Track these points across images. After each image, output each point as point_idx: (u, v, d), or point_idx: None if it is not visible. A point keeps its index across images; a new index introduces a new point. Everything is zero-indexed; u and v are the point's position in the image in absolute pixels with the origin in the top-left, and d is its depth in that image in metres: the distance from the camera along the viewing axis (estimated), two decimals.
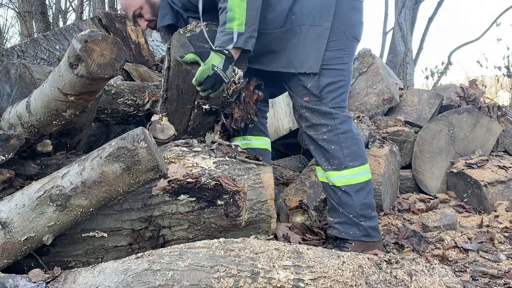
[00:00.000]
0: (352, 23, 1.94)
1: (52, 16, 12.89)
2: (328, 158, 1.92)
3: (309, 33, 1.89)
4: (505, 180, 2.70)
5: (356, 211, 1.88)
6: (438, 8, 9.62)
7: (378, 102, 3.47)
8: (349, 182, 1.89)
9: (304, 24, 1.89)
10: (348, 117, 1.94)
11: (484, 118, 3.07)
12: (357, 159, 1.90)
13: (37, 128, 1.61)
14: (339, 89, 1.92)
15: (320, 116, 1.91)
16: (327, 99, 1.90)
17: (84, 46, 1.33)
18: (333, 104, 1.90)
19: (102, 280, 1.17)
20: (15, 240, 1.35)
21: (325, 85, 1.90)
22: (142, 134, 1.35)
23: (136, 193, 1.56)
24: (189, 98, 1.90)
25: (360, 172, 1.90)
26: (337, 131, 1.89)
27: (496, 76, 7.66)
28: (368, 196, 1.91)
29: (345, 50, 1.92)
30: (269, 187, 1.67)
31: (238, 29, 1.75)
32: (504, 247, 1.99)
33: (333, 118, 1.89)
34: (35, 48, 2.61)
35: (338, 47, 1.91)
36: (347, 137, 1.89)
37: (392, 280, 1.20)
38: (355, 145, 1.91)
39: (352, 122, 1.96)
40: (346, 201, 1.89)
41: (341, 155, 1.89)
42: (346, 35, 1.91)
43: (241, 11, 1.74)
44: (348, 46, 1.94)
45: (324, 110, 1.90)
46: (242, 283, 1.14)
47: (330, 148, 1.90)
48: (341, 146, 1.89)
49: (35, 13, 9.07)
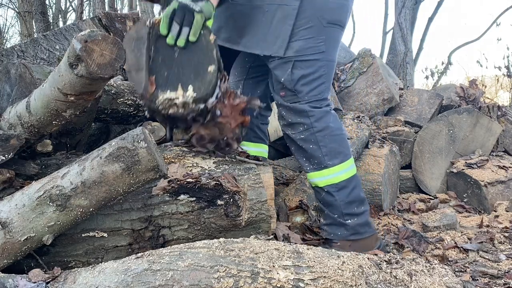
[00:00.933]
0: (328, 6, 1.77)
1: (52, 16, 12.89)
2: (308, 158, 1.84)
3: (277, 13, 1.74)
4: (505, 180, 2.70)
5: (340, 211, 1.81)
6: (438, 8, 9.62)
7: (378, 102, 3.47)
8: (330, 182, 1.81)
9: (272, 3, 1.74)
10: (325, 112, 1.82)
11: (484, 118, 3.07)
12: (337, 157, 1.80)
13: (37, 128, 1.61)
14: (314, 81, 1.79)
15: (295, 115, 1.81)
16: (302, 93, 1.78)
17: (84, 46, 1.33)
18: (310, 98, 1.79)
19: (102, 280, 1.17)
20: (15, 240, 1.35)
21: (299, 78, 1.77)
22: (142, 134, 1.35)
23: (136, 193, 1.56)
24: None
25: (341, 170, 1.81)
26: (313, 129, 1.79)
27: (496, 76, 7.67)
28: (352, 192, 1.82)
29: (319, 38, 1.76)
30: (269, 187, 1.67)
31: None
32: (504, 247, 1.99)
33: (308, 116, 1.79)
34: (35, 48, 2.61)
35: (311, 35, 1.75)
36: (324, 134, 1.79)
37: (392, 280, 1.20)
38: (333, 142, 1.81)
39: (332, 116, 1.84)
40: (330, 201, 1.82)
41: (319, 154, 1.80)
42: (320, 21, 1.75)
43: None
44: (323, 33, 1.77)
45: (299, 108, 1.79)
46: (242, 283, 1.14)
47: (308, 147, 1.81)
48: (319, 145, 1.79)
49: (35, 13, 9.07)
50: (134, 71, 1.42)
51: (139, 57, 1.41)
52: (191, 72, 1.47)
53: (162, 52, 1.45)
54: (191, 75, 1.47)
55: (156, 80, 1.44)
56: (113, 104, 2.19)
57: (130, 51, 1.40)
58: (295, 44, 1.75)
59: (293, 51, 1.75)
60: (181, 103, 1.45)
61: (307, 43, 1.75)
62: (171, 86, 1.45)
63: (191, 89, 1.45)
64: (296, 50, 1.75)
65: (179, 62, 1.47)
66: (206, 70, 1.48)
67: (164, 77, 1.45)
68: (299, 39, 1.75)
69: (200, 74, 1.47)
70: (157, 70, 1.44)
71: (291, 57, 1.76)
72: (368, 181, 2.43)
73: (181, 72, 1.47)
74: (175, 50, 1.46)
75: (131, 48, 1.40)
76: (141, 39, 1.42)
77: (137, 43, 1.41)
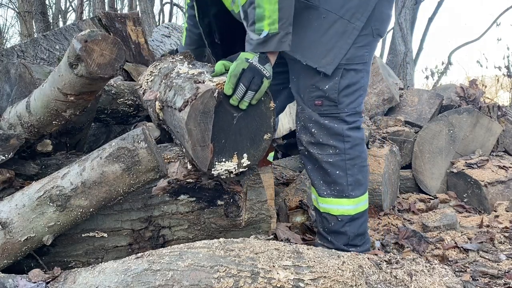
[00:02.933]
0: (382, 17, 1.65)
1: (52, 16, 12.90)
2: (328, 183, 1.69)
3: (336, 25, 1.59)
4: (505, 180, 2.70)
5: (347, 241, 1.71)
6: (438, 8, 9.62)
7: (378, 102, 3.47)
8: (347, 213, 1.69)
9: (333, 12, 1.59)
10: (361, 140, 1.70)
11: (484, 118, 3.07)
12: (359, 189, 1.69)
13: (37, 128, 1.61)
14: (356, 92, 1.67)
15: (329, 136, 1.65)
16: (343, 104, 1.64)
17: (84, 46, 1.33)
18: (349, 110, 1.66)
19: (102, 280, 1.17)
20: (15, 240, 1.35)
21: (344, 88, 1.64)
22: (142, 135, 1.35)
23: (136, 193, 1.56)
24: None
25: (360, 202, 1.71)
26: (346, 156, 1.66)
27: (496, 76, 7.67)
28: (362, 225, 1.73)
29: (366, 48, 1.65)
30: (269, 187, 1.67)
31: (270, 29, 1.45)
32: (504, 247, 1.99)
33: (344, 141, 1.65)
34: (35, 48, 2.61)
35: (363, 44, 1.64)
36: (354, 163, 1.67)
37: (392, 280, 1.20)
38: (360, 173, 1.69)
39: (364, 144, 1.73)
40: (339, 231, 1.71)
41: (344, 183, 1.67)
42: (373, 31, 1.64)
43: (271, 6, 1.43)
44: (370, 43, 1.67)
45: (336, 130, 1.65)
46: (242, 283, 1.14)
47: (333, 172, 1.67)
48: (346, 173, 1.66)
49: (35, 13, 9.07)
50: (200, 147, 1.35)
51: (205, 133, 1.34)
52: (247, 139, 1.45)
53: (221, 118, 1.38)
54: (247, 143, 1.45)
55: (213, 147, 1.39)
56: (113, 104, 2.19)
57: (196, 125, 1.32)
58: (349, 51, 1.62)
59: (346, 58, 1.62)
60: (235, 172, 1.47)
61: (358, 51, 1.63)
62: (227, 154, 1.44)
63: (246, 157, 1.47)
64: (348, 57, 1.62)
65: (237, 129, 1.42)
66: (262, 138, 1.46)
67: (221, 144, 1.41)
68: (354, 45, 1.62)
69: (256, 142, 1.46)
70: (215, 137, 1.38)
71: (341, 65, 1.62)
72: (368, 181, 2.43)
73: (238, 139, 1.44)
74: (235, 116, 1.40)
75: (197, 121, 1.32)
76: (208, 113, 1.33)
77: (203, 117, 1.32)
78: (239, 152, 1.45)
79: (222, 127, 1.41)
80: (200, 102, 1.32)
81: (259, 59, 1.44)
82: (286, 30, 1.48)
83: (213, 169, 1.43)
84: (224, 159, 1.44)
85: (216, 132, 1.39)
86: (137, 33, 3.06)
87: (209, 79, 1.42)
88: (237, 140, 1.44)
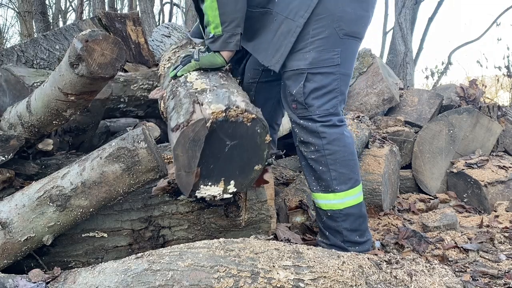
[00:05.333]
0: (346, 17, 1.66)
1: (52, 16, 12.90)
2: (316, 178, 1.76)
3: (283, 25, 1.68)
4: (505, 180, 2.70)
5: (342, 237, 1.73)
6: (438, 8, 9.61)
7: (378, 102, 3.47)
8: (335, 207, 1.73)
9: (281, 14, 1.68)
10: (339, 134, 1.73)
11: (484, 118, 3.07)
12: (346, 183, 1.72)
13: (37, 128, 1.61)
14: (327, 95, 1.70)
15: (307, 134, 1.73)
16: (313, 106, 1.70)
17: (85, 46, 1.34)
18: (321, 112, 1.70)
19: (102, 280, 1.17)
20: (15, 240, 1.35)
21: (311, 91, 1.69)
22: (142, 135, 1.35)
23: (136, 193, 1.56)
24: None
25: (349, 196, 1.73)
26: (324, 151, 1.71)
27: (496, 76, 7.66)
28: (356, 221, 1.74)
29: (335, 50, 1.67)
30: (269, 187, 1.67)
31: (215, 32, 1.63)
32: (504, 247, 1.99)
33: (320, 137, 1.71)
34: (35, 48, 2.61)
35: (326, 47, 1.66)
36: (335, 158, 1.71)
37: (392, 280, 1.20)
38: (344, 167, 1.72)
39: (346, 138, 1.75)
40: (332, 226, 1.75)
41: (328, 178, 1.72)
42: (337, 32, 1.66)
43: (213, 12, 1.61)
44: (339, 45, 1.68)
45: (310, 128, 1.72)
46: (242, 283, 1.14)
47: (318, 168, 1.74)
48: (329, 168, 1.71)
49: (35, 13, 9.07)
50: (184, 172, 1.35)
51: (191, 160, 1.34)
52: (237, 167, 1.42)
53: (212, 144, 1.37)
54: (236, 171, 1.43)
55: (200, 171, 1.38)
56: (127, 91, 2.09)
57: (184, 151, 1.32)
58: (308, 55, 1.67)
59: (307, 62, 1.67)
60: (220, 197, 1.45)
61: (321, 54, 1.67)
62: (213, 178, 1.42)
63: (233, 184, 1.44)
64: (310, 62, 1.67)
65: (228, 156, 1.40)
66: (252, 168, 1.45)
67: (209, 169, 1.40)
68: (313, 49, 1.66)
69: (245, 171, 1.44)
70: (203, 161, 1.37)
71: (304, 69, 1.68)
72: (368, 181, 2.42)
73: (227, 166, 1.41)
74: (227, 144, 1.38)
75: (186, 148, 1.32)
76: (198, 141, 1.32)
77: (192, 145, 1.32)
78: (227, 179, 1.42)
79: (212, 153, 1.38)
80: (191, 130, 1.31)
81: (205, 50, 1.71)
82: (231, 32, 1.64)
83: (197, 191, 1.41)
84: (210, 183, 1.41)
85: (206, 157, 1.37)
86: (137, 33, 3.06)
87: (208, 102, 1.38)
88: (226, 167, 1.41)
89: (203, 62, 1.69)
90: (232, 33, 1.64)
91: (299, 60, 1.69)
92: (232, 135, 1.37)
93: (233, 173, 1.43)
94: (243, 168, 1.43)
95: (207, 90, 1.47)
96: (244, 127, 1.36)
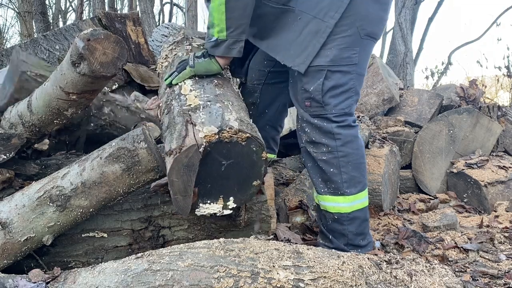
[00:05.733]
0: (369, 17, 1.65)
1: (52, 16, 12.91)
2: (325, 180, 1.72)
3: (310, 25, 1.63)
4: (505, 180, 2.70)
5: (346, 240, 1.72)
6: (438, 8, 9.62)
7: (378, 102, 3.47)
8: (343, 210, 1.70)
9: (307, 13, 1.63)
10: (353, 136, 1.71)
11: (484, 118, 3.07)
12: (356, 186, 1.70)
13: (38, 127, 1.61)
14: (343, 94, 1.68)
15: (320, 134, 1.69)
16: (330, 105, 1.67)
17: (87, 45, 1.34)
18: (337, 111, 1.67)
19: (102, 280, 1.17)
20: (15, 240, 1.35)
21: (329, 89, 1.66)
22: (142, 135, 1.35)
23: (136, 193, 1.56)
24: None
25: (357, 200, 1.72)
26: (338, 153, 1.68)
27: (496, 76, 7.67)
28: (361, 225, 1.73)
29: (354, 49, 1.66)
30: (269, 187, 1.67)
31: (219, 36, 1.58)
32: (504, 247, 1.99)
33: (335, 138, 1.68)
34: (35, 48, 2.61)
35: (347, 45, 1.64)
36: (348, 161, 1.69)
37: (392, 280, 1.20)
38: (356, 170, 1.70)
39: (359, 141, 1.74)
40: (338, 229, 1.72)
41: (338, 180, 1.69)
42: (359, 31, 1.64)
43: (220, 16, 1.56)
44: (359, 44, 1.66)
45: (325, 128, 1.68)
46: (242, 283, 1.14)
47: (328, 170, 1.70)
48: (340, 171, 1.68)
49: (35, 13, 9.08)
50: (181, 197, 1.35)
51: (187, 184, 1.33)
52: (235, 185, 1.41)
53: (208, 165, 1.36)
54: (234, 188, 1.42)
55: (198, 190, 1.38)
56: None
57: (179, 177, 1.31)
58: (330, 53, 1.64)
59: (328, 59, 1.64)
60: (220, 214, 1.45)
61: (342, 52, 1.64)
62: (212, 197, 1.41)
63: (232, 200, 1.43)
64: (331, 59, 1.64)
65: (225, 175, 1.39)
66: (251, 184, 1.43)
67: (207, 188, 1.39)
68: (335, 47, 1.64)
69: (244, 188, 1.43)
70: (200, 182, 1.37)
71: (324, 66, 1.65)
72: (368, 181, 2.42)
73: (225, 184, 1.40)
74: (223, 164, 1.37)
75: (180, 173, 1.31)
76: (192, 166, 1.32)
77: (186, 169, 1.31)
78: (225, 196, 1.42)
79: (209, 173, 1.37)
80: (184, 156, 1.29)
81: (202, 53, 1.65)
82: (235, 38, 1.59)
83: (196, 210, 1.41)
84: (209, 201, 1.41)
85: (202, 178, 1.36)
86: (137, 33, 3.06)
87: (201, 123, 1.36)
88: (224, 185, 1.40)
89: (199, 69, 1.64)
90: (236, 39, 1.60)
91: (320, 56, 1.65)
92: (227, 155, 1.36)
93: (231, 190, 1.42)
94: (241, 185, 1.42)
95: (200, 107, 1.45)
96: (239, 146, 1.35)
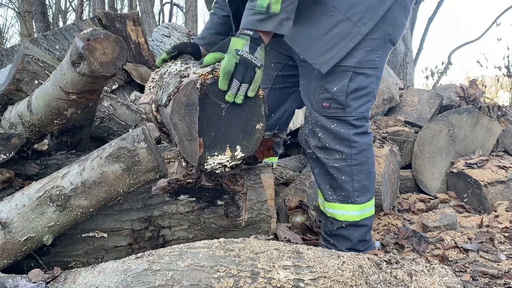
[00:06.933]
0: (394, 22, 1.63)
1: (52, 16, 12.91)
2: (334, 188, 1.68)
3: (341, 25, 1.56)
4: (505, 180, 2.70)
5: (350, 246, 1.71)
6: (438, 8, 9.63)
7: (378, 102, 3.47)
8: (352, 218, 1.68)
9: (340, 11, 1.55)
10: (368, 145, 1.68)
11: (484, 118, 3.07)
12: (366, 194, 1.68)
13: (38, 127, 1.61)
14: (364, 97, 1.65)
15: (335, 140, 1.64)
16: (351, 107, 1.62)
17: (87, 44, 1.33)
18: (357, 114, 1.64)
19: (102, 280, 1.17)
20: (15, 240, 1.35)
21: (352, 91, 1.61)
22: (142, 135, 1.35)
23: (136, 193, 1.56)
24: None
25: (366, 208, 1.70)
26: (352, 161, 1.64)
27: (496, 76, 7.67)
28: (367, 233, 1.72)
29: (377, 53, 1.63)
30: (269, 187, 1.67)
31: (272, 9, 1.38)
32: (504, 247, 1.99)
33: (350, 146, 1.63)
34: None
35: (373, 48, 1.61)
36: (361, 169, 1.65)
37: (392, 280, 1.20)
38: (367, 179, 1.67)
39: (371, 148, 1.70)
40: (344, 235, 1.71)
41: (350, 188, 1.65)
42: (384, 36, 1.62)
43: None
44: (382, 48, 1.64)
45: (341, 135, 1.63)
46: (242, 283, 1.14)
47: (339, 178, 1.65)
48: (352, 179, 1.65)
49: (35, 13, 9.09)
50: (187, 141, 1.32)
51: (190, 126, 1.31)
52: (239, 130, 1.39)
53: (208, 110, 1.34)
54: (239, 134, 1.40)
55: (204, 141, 1.35)
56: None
57: (181, 118, 1.28)
58: (357, 54, 1.59)
59: (355, 60, 1.60)
60: (230, 165, 1.41)
61: (368, 54, 1.61)
62: (218, 147, 1.38)
63: (239, 149, 1.41)
64: (357, 60, 1.60)
65: (227, 120, 1.37)
66: (254, 128, 1.41)
67: (211, 137, 1.37)
68: (362, 48, 1.59)
69: (248, 133, 1.41)
70: (204, 131, 1.34)
71: (351, 67, 1.60)
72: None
73: (229, 131, 1.38)
74: (223, 107, 1.35)
75: (182, 114, 1.28)
76: (192, 105, 1.29)
77: (187, 110, 1.29)
78: (232, 144, 1.39)
79: (211, 120, 1.35)
80: (182, 95, 1.28)
81: (250, 47, 1.37)
82: (288, 14, 1.42)
83: (205, 164, 1.38)
84: (216, 152, 1.38)
85: (205, 125, 1.34)
86: (137, 33, 3.06)
87: (194, 72, 1.36)
88: (228, 132, 1.38)
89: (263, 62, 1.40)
90: (288, 16, 1.42)
91: (348, 57, 1.59)
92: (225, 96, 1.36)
93: (236, 137, 1.40)
94: (245, 130, 1.40)
95: (191, 67, 1.46)
96: None
